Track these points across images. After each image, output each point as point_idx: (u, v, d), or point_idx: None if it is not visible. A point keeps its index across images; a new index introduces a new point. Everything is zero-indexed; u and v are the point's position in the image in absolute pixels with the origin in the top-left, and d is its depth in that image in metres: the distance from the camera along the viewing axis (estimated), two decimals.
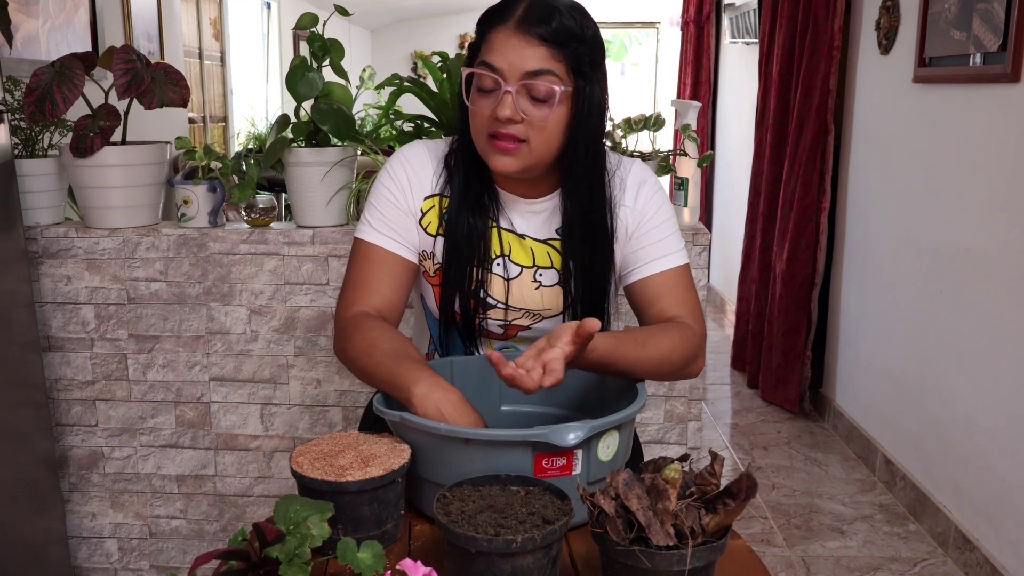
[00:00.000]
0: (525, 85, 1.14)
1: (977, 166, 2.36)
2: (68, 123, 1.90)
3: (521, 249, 1.27)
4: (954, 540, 2.44)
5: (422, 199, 1.27)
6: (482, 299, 1.26)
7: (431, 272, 1.28)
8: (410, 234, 1.26)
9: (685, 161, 1.99)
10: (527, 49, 1.13)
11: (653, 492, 0.87)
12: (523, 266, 1.27)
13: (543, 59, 1.13)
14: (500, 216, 1.27)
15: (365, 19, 8.37)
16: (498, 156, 1.17)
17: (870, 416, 3.08)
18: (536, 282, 1.27)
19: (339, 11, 1.91)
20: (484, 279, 1.25)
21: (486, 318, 1.28)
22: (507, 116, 1.14)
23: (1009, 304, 2.20)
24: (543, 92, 1.14)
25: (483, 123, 1.17)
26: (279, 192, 2.46)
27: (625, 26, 9.15)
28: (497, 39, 1.15)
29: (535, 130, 1.16)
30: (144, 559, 2.11)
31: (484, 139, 1.18)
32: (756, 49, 4.16)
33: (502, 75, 1.14)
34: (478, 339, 1.31)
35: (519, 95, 1.14)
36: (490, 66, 1.15)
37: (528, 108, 1.15)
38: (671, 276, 1.26)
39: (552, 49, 1.13)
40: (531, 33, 1.13)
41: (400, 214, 1.25)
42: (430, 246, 1.27)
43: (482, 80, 1.16)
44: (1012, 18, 2.14)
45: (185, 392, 2.01)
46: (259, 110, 6.31)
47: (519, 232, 1.28)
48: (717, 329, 4.81)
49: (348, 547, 0.89)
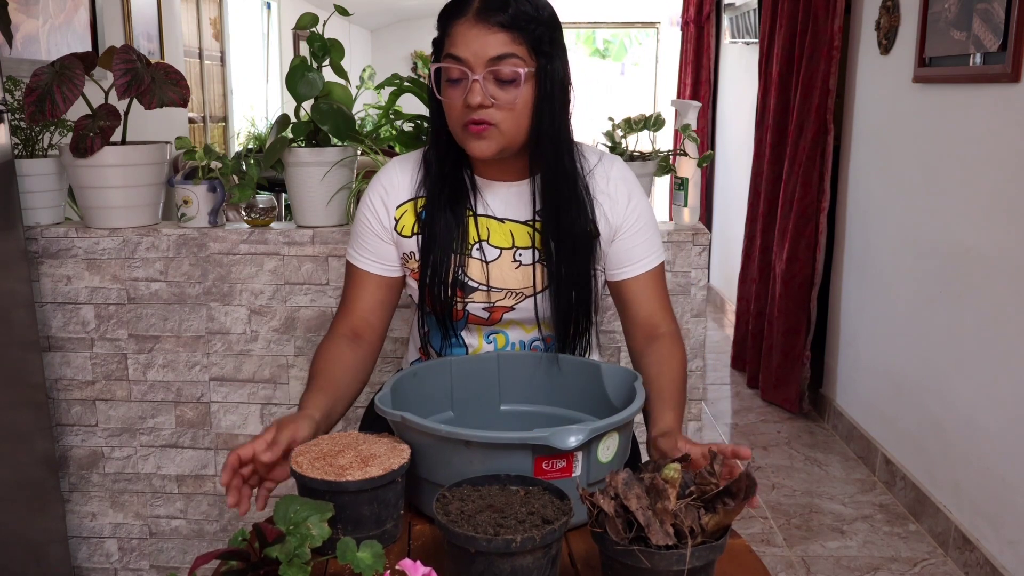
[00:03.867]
0: (491, 71, 1.19)
1: (977, 166, 2.36)
2: (68, 123, 1.90)
3: (500, 232, 1.31)
4: (954, 540, 2.44)
5: (395, 209, 1.34)
6: (463, 283, 1.30)
7: (415, 269, 1.33)
8: (386, 253, 1.34)
9: (685, 161, 1.99)
10: (488, 37, 1.19)
11: (652, 492, 0.87)
12: (502, 248, 1.31)
13: (504, 44, 1.19)
14: (478, 203, 1.32)
15: (365, 19, 8.37)
16: (474, 141, 1.23)
17: (870, 416, 3.08)
18: (516, 262, 1.31)
19: (339, 11, 1.92)
20: (463, 264, 1.30)
21: (469, 302, 1.31)
22: (478, 102, 1.19)
23: (1009, 304, 2.20)
24: (509, 75, 1.20)
25: (457, 113, 1.23)
26: (279, 192, 2.46)
27: (625, 26, 9.16)
28: (459, 31, 1.21)
29: (504, 112, 1.21)
30: (144, 559, 2.11)
31: (460, 128, 1.24)
32: (756, 49, 4.17)
33: (468, 65, 1.20)
34: (457, 326, 1.34)
35: (486, 81, 1.20)
36: (456, 58, 1.20)
37: (496, 92, 1.20)
38: (651, 276, 1.35)
39: (512, 33, 1.19)
40: (490, 21, 1.19)
41: (374, 238, 1.34)
42: (409, 247, 1.33)
43: (450, 72, 1.22)
44: (1012, 18, 2.14)
45: (185, 392, 2.01)
46: (259, 110, 6.31)
47: (498, 216, 1.32)
48: (717, 329, 4.81)
49: (348, 547, 0.89)
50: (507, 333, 1.35)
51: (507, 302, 1.32)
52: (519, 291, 1.31)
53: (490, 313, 1.32)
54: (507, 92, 1.20)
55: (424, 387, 1.23)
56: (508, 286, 1.31)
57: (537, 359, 1.29)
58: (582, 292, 1.31)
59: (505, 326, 1.34)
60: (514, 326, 1.34)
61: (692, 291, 1.95)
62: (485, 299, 1.31)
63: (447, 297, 1.30)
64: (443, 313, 1.31)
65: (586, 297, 1.32)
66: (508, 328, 1.34)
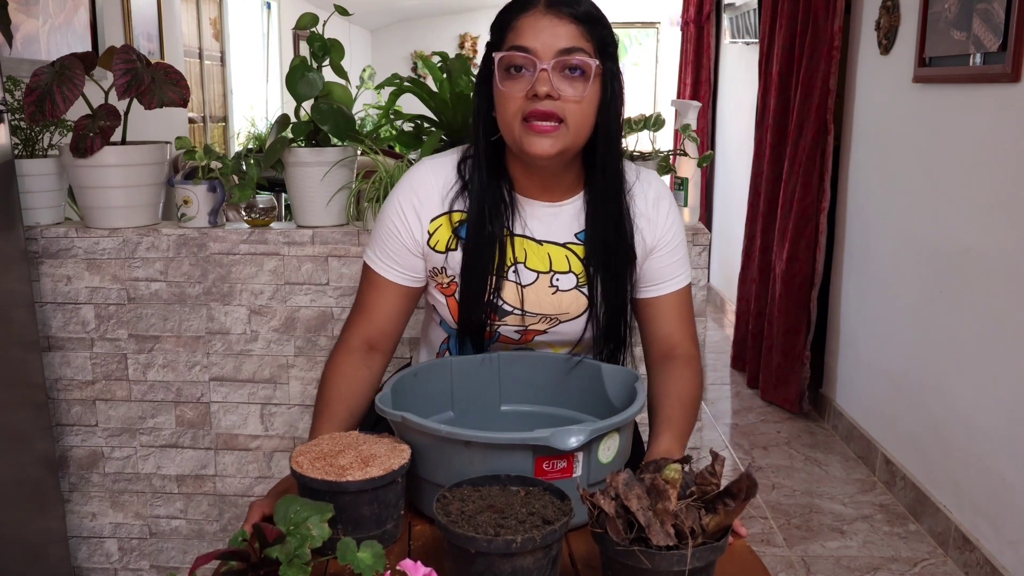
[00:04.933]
0: (560, 62, 1.14)
1: (977, 166, 2.36)
2: (68, 123, 1.90)
3: (537, 255, 1.27)
4: (954, 540, 2.44)
5: (428, 222, 1.27)
6: (497, 306, 1.26)
7: (444, 284, 1.28)
8: (414, 265, 1.28)
9: (685, 161, 1.99)
10: (560, 27, 1.14)
11: (653, 492, 0.87)
12: (539, 272, 1.26)
13: (575, 37, 1.15)
14: (515, 222, 1.27)
15: (365, 19, 8.37)
16: (535, 139, 1.15)
17: (870, 416, 3.08)
18: (553, 287, 1.27)
19: (339, 11, 1.92)
20: (499, 286, 1.25)
21: (502, 325, 1.28)
22: (545, 92, 1.13)
23: (1009, 304, 2.20)
24: (579, 64, 1.14)
25: (516, 106, 1.16)
26: (279, 192, 2.46)
27: (625, 26, 9.16)
28: (526, 23, 1.15)
29: (571, 107, 1.15)
30: (144, 559, 2.11)
31: (518, 124, 1.16)
32: (756, 49, 4.16)
33: (536, 54, 1.14)
34: (489, 346, 1.31)
35: (554, 72, 1.14)
36: (522, 48, 1.14)
37: (563, 85, 1.14)
38: (678, 297, 1.31)
39: (582, 27, 1.15)
40: (563, 12, 1.15)
41: (402, 249, 1.27)
42: (440, 262, 1.27)
43: (513, 60, 1.15)
44: (1012, 18, 2.13)
45: (185, 392, 2.01)
46: (259, 110, 6.31)
47: (537, 238, 1.27)
48: (717, 329, 4.81)
49: (348, 547, 0.89)
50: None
51: (540, 326, 1.28)
52: (554, 316, 1.28)
53: (522, 335, 1.30)
54: (575, 86, 1.15)
55: (424, 387, 1.23)
56: (544, 311, 1.27)
57: (538, 359, 1.29)
58: (620, 315, 1.28)
59: (535, 346, 1.32)
60: (543, 347, 1.32)
61: (692, 291, 1.95)
62: (519, 323, 1.28)
63: (480, 320, 1.26)
64: (477, 334, 1.28)
65: (623, 320, 1.29)
66: (537, 348, 1.32)
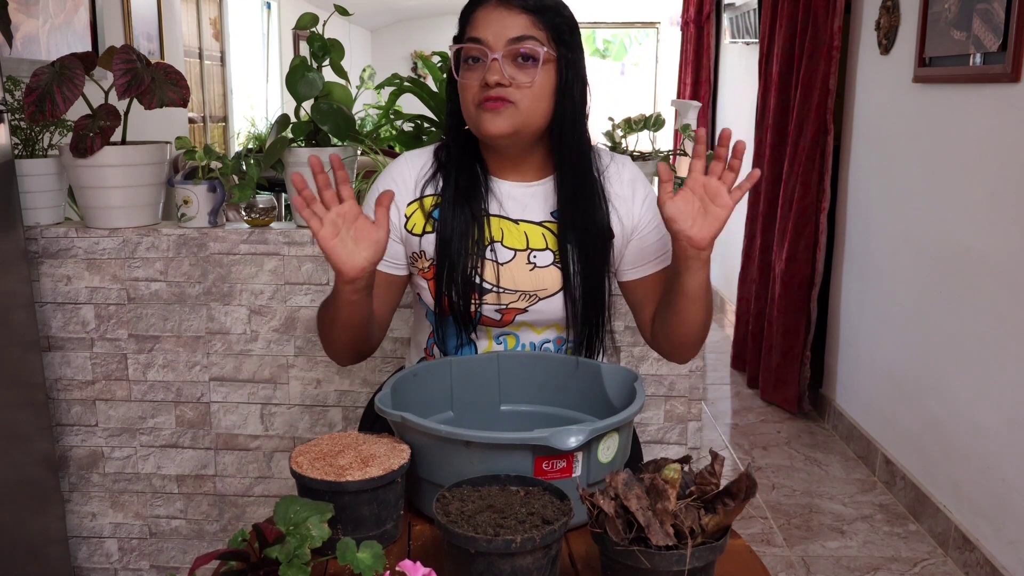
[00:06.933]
0: (510, 51, 1.21)
1: (977, 166, 2.36)
2: (68, 123, 1.90)
3: (514, 233, 1.31)
4: (954, 540, 2.44)
5: (405, 206, 1.33)
6: (477, 284, 1.29)
7: (424, 268, 1.32)
8: (393, 250, 1.33)
9: (685, 161, 1.99)
10: (509, 18, 1.21)
11: (652, 492, 0.87)
12: (516, 249, 1.30)
13: (525, 26, 1.21)
14: (491, 202, 1.32)
15: (365, 19, 8.37)
16: (488, 117, 1.22)
17: (870, 416, 3.08)
18: (531, 264, 1.30)
19: (339, 11, 1.92)
20: (476, 265, 1.29)
21: (483, 304, 1.30)
22: (495, 80, 1.20)
23: (1009, 304, 2.20)
24: (527, 52, 1.21)
25: (473, 94, 1.23)
26: (279, 192, 2.46)
27: (625, 26, 9.16)
28: (480, 15, 1.23)
29: (522, 92, 1.21)
30: (144, 559, 2.11)
31: (474, 109, 1.23)
32: (756, 49, 4.16)
33: (488, 44, 1.21)
34: (474, 327, 1.33)
35: (505, 60, 1.21)
36: (476, 39, 1.22)
37: (514, 72, 1.21)
38: (664, 276, 1.34)
39: (533, 17, 1.21)
40: (513, 4, 1.21)
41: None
42: (417, 245, 1.32)
43: (469, 52, 1.23)
44: (1012, 18, 2.14)
45: (185, 392, 2.01)
46: (259, 110, 6.31)
47: (513, 217, 1.31)
48: (717, 329, 4.80)
49: (348, 547, 0.89)
50: (518, 335, 1.34)
51: (520, 304, 1.31)
52: (532, 293, 1.30)
53: (502, 315, 1.32)
54: (526, 73, 1.21)
55: (424, 387, 1.23)
56: (521, 288, 1.30)
57: (538, 359, 1.29)
58: (597, 293, 1.31)
59: (516, 328, 1.34)
60: (525, 328, 1.34)
61: None
62: (497, 301, 1.30)
63: (461, 299, 1.29)
64: (462, 315, 1.30)
65: (601, 299, 1.31)
66: (519, 330, 1.34)
